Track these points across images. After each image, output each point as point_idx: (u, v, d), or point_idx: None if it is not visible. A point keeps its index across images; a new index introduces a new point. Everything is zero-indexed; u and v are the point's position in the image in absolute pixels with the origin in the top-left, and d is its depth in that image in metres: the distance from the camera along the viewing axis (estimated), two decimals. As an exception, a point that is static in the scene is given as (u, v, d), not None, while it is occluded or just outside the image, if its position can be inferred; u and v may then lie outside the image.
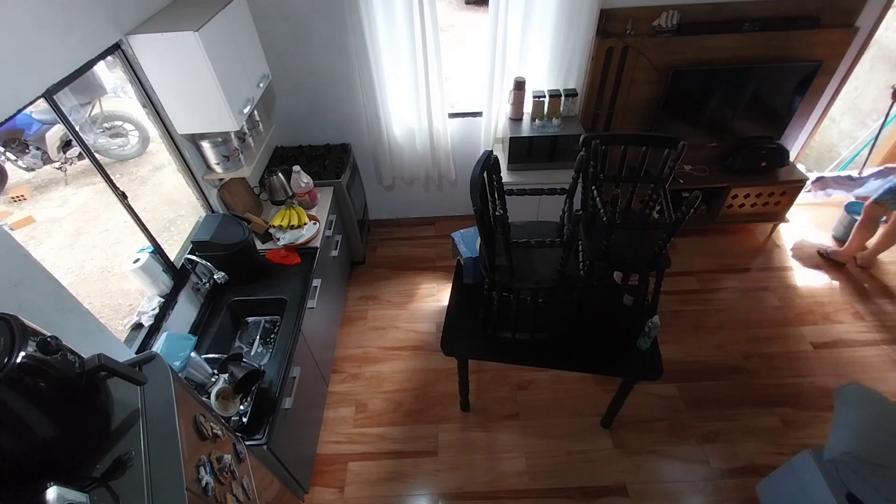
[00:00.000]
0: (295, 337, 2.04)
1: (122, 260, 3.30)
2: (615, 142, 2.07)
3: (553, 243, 1.74)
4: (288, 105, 2.99)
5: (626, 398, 2.15)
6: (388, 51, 2.66)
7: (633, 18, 2.62)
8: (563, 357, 2.02)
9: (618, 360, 1.99)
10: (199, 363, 1.76)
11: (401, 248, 3.56)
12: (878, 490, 1.45)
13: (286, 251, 2.41)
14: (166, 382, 1.10)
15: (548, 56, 2.75)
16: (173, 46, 1.78)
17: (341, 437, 2.44)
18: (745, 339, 2.78)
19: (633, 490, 2.18)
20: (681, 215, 1.62)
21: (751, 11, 2.64)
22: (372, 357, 2.81)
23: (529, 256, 1.93)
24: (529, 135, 2.81)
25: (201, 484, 1.03)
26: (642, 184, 2.03)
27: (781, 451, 2.27)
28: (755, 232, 3.48)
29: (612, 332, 2.05)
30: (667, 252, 1.84)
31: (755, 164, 3.11)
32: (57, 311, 1.37)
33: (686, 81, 2.81)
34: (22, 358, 0.82)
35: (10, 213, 3.81)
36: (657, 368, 1.92)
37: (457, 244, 2.23)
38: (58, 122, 1.63)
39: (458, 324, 2.14)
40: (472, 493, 2.21)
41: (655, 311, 2.04)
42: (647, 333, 1.90)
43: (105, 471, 0.93)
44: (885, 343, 2.71)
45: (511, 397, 2.56)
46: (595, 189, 1.95)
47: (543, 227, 2.20)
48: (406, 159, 3.21)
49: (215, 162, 2.24)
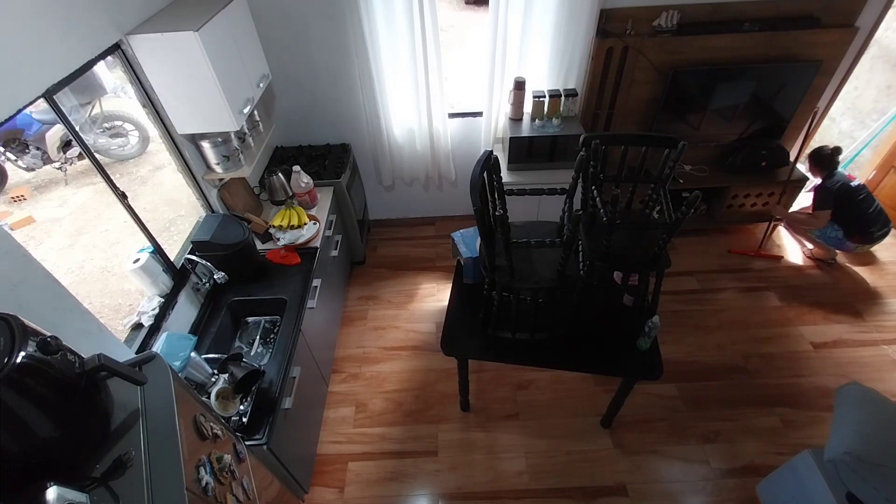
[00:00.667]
0: (295, 337, 2.04)
1: (122, 260, 3.30)
2: (615, 142, 2.07)
3: (553, 243, 1.74)
4: (288, 105, 2.99)
5: (626, 398, 2.15)
6: (388, 51, 2.66)
7: (633, 18, 2.62)
8: (563, 357, 2.02)
9: (618, 360, 1.99)
10: (199, 363, 1.76)
11: (401, 248, 3.56)
12: (878, 490, 1.45)
13: (286, 251, 2.41)
14: (166, 382, 1.10)
15: (548, 56, 2.75)
16: (173, 46, 1.78)
17: (341, 437, 2.44)
18: (745, 339, 2.78)
19: (633, 490, 2.18)
20: (681, 215, 1.62)
21: (751, 11, 2.63)
22: (372, 357, 2.81)
23: (529, 256, 1.93)
24: (529, 135, 2.81)
25: (201, 484, 1.03)
26: (642, 184, 2.03)
27: (781, 451, 2.27)
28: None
29: (612, 332, 2.05)
30: (667, 252, 1.84)
31: (755, 164, 3.11)
32: (57, 311, 1.37)
33: (686, 81, 2.81)
34: (22, 358, 0.82)
35: (10, 213, 3.81)
36: (657, 368, 1.92)
37: (457, 244, 2.23)
38: (58, 122, 1.63)
39: (458, 324, 2.14)
40: (472, 493, 2.21)
41: (655, 311, 2.04)
42: (647, 333, 1.90)
43: (105, 471, 0.93)
44: (885, 343, 2.71)
45: (511, 397, 2.56)
46: (595, 189, 1.95)
47: (543, 227, 2.20)
48: (406, 159, 3.21)
49: (215, 162, 2.24)
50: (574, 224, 1.54)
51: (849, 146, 3.63)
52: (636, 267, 1.96)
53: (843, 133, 3.71)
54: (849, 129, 3.67)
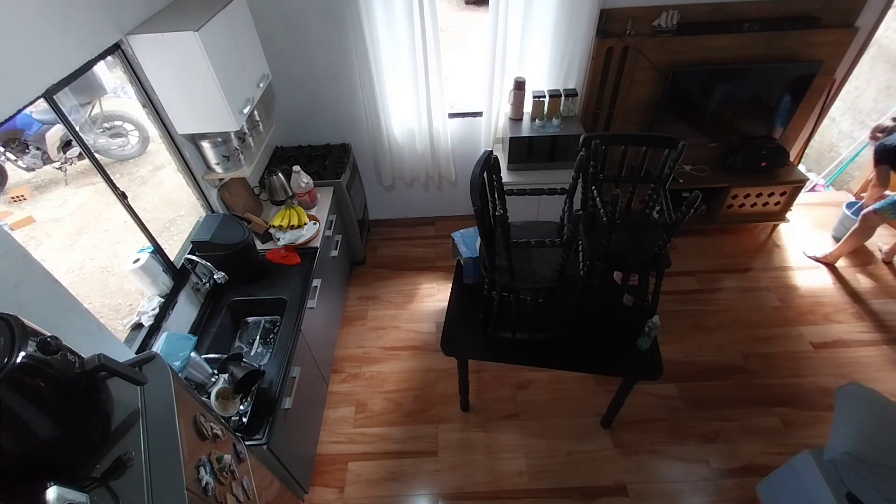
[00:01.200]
0: (295, 337, 2.04)
1: (122, 260, 3.30)
2: (615, 142, 2.07)
3: (553, 243, 1.74)
4: (288, 105, 2.99)
5: (626, 398, 2.15)
6: (388, 51, 2.66)
7: (633, 18, 2.62)
8: (563, 357, 2.01)
9: (618, 360, 1.99)
10: (199, 363, 1.76)
11: (401, 248, 3.56)
12: (878, 490, 1.45)
13: (286, 251, 2.41)
14: (166, 382, 1.10)
15: (548, 56, 2.75)
16: (173, 46, 1.78)
17: (341, 437, 2.44)
18: (745, 339, 2.78)
19: (633, 490, 2.18)
20: (681, 215, 1.62)
21: (750, 11, 2.63)
22: (372, 357, 2.81)
23: (529, 256, 1.93)
24: (529, 135, 2.81)
25: (201, 484, 1.03)
26: (642, 184, 2.03)
27: (781, 451, 2.27)
28: (755, 232, 3.48)
29: (612, 332, 2.05)
30: (667, 252, 1.84)
31: (755, 164, 3.11)
32: (57, 311, 1.37)
33: (686, 81, 2.81)
34: (22, 358, 0.82)
35: (10, 213, 3.81)
36: (657, 368, 1.92)
37: (457, 244, 2.23)
38: (58, 122, 1.63)
39: (458, 324, 2.14)
40: (472, 493, 2.21)
41: (655, 311, 2.04)
42: (647, 333, 1.90)
43: (105, 471, 0.93)
44: (885, 343, 2.71)
45: (511, 397, 2.56)
46: (595, 189, 1.95)
47: (543, 227, 2.20)
48: (406, 159, 3.21)
49: (215, 162, 2.24)
50: (574, 224, 1.54)
51: (849, 146, 3.63)
52: (636, 267, 1.96)
53: (843, 133, 3.72)
54: (849, 129, 3.67)
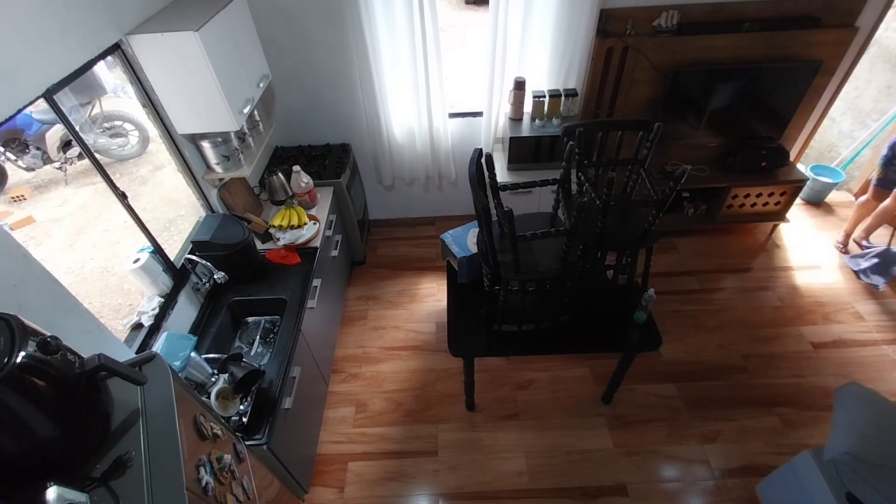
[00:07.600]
0: (295, 337, 2.04)
1: (122, 260, 3.30)
2: (594, 128, 2.17)
3: (559, 232, 1.78)
4: (288, 105, 2.99)
5: (626, 372, 2.22)
6: (388, 51, 2.66)
7: (633, 18, 2.62)
8: (567, 342, 2.07)
9: (617, 336, 2.05)
10: (199, 363, 1.76)
11: (401, 248, 3.56)
12: (878, 490, 1.45)
13: (286, 251, 2.41)
14: (166, 382, 1.10)
15: (548, 56, 2.75)
16: (173, 46, 1.78)
17: (341, 437, 2.44)
18: (745, 339, 2.78)
19: (633, 490, 2.18)
20: (668, 190, 1.69)
21: (751, 11, 2.63)
22: (372, 357, 2.81)
23: (530, 248, 1.97)
24: (529, 135, 2.81)
25: (201, 484, 1.03)
26: (621, 166, 2.14)
27: (781, 451, 2.27)
28: (755, 232, 3.48)
29: (611, 311, 2.12)
30: (655, 228, 1.91)
31: (755, 164, 3.11)
32: (57, 311, 1.37)
33: (686, 81, 2.80)
34: (22, 358, 0.82)
35: (10, 213, 3.81)
36: (655, 338, 2.00)
37: (448, 245, 2.23)
38: (58, 122, 1.63)
39: (460, 323, 2.15)
40: (472, 493, 2.21)
41: (648, 286, 2.11)
42: (643, 307, 1.97)
43: (105, 471, 0.93)
44: (885, 343, 2.71)
45: (511, 397, 2.56)
46: (582, 175, 2.01)
47: (537, 219, 2.22)
48: (406, 159, 3.21)
49: (215, 162, 2.24)
50: (579, 210, 1.56)
51: (849, 146, 3.63)
52: (629, 245, 2.02)
53: (843, 133, 3.71)
54: (849, 129, 3.67)
